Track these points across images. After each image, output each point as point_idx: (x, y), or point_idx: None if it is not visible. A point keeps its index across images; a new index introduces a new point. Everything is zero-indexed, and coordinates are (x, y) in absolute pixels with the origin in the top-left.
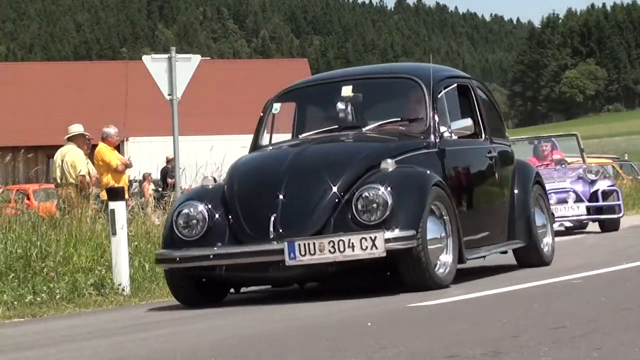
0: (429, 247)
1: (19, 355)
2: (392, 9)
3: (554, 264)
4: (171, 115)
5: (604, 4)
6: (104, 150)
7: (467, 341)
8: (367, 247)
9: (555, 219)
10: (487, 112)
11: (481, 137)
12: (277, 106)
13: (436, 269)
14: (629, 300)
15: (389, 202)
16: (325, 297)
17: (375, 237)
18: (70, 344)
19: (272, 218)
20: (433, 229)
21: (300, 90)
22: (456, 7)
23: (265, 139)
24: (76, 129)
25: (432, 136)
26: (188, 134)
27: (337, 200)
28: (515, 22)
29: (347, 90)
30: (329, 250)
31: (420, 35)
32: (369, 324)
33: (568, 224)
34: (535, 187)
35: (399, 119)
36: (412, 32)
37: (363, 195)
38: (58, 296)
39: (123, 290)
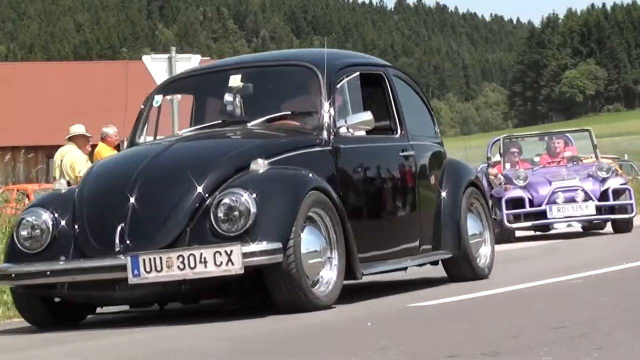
0: (305, 261)
1: (18, 355)
2: (392, 9)
3: (553, 264)
4: (171, 115)
5: (604, 4)
6: (103, 151)
7: (467, 341)
8: (221, 263)
9: (563, 219)
10: (410, 105)
11: (396, 133)
12: (158, 99)
13: (316, 286)
14: (629, 300)
15: (252, 210)
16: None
17: (231, 251)
18: (69, 344)
19: (119, 228)
20: (311, 241)
21: (185, 80)
22: (456, 7)
23: (145, 136)
24: (77, 129)
25: (325, 132)
26: None
27: (197, 207)
28: (515, 22)
29: (235, 80)
30: (178, 267)
31: (420, 35)
32: (369, 324)
33: (576, 224)
34: (470, 189)
35: (290, 112)
36: (412, 32)
37: (223, 202)
38: None
39: None
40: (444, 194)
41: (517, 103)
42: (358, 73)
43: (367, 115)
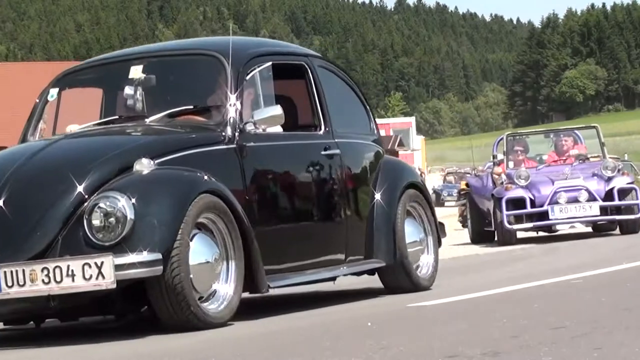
0: (195, 273)
1: (16, 354)
2: (392, 9)
3: (553, 264)
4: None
5: (604, 4)
6: None
7: (467, 341)
8: (91, 276)
9: (565, 220)
10: (340, 99)
11: (319, 129)
12: (53, 92)
13: (208, 301)
14: (629, 300)
15: (129, 216)
16: (325, 297)
17: (102, 263)
18: (71, 344)
19: None
20: (201, 250)
21: (84, 72)
22: (456, 7)
23: (41, 134)
24: (72, 128)
25: (229, 129)
26: None
27: (72, 212)
28: (515, 22)
29: (136, 71)
30: (43, 280)
31: (420, 35)
32: (369, 324)
33: (580, 225)
34: (409, 191)
35: (193, 106)
36: (412, 32)
37: (97, 207)
38: None
39: None
40: (377, 196)
41: (517, 103)
42: (270, 63)
43: (276, 110)
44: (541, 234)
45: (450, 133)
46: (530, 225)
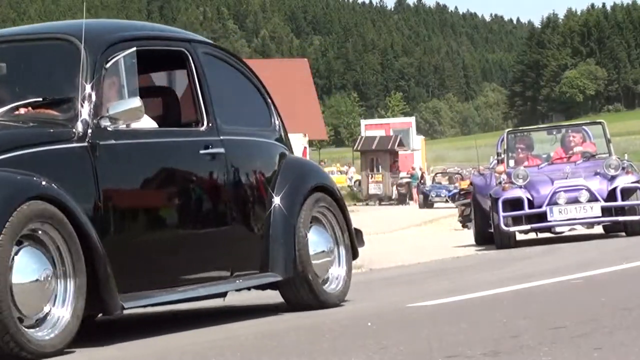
0: (18, 294)
1: None
2: (392, 9)
3: (553, 264)
4: None
5: (604, 4)
6: None
7: (467, 341)
8: None
9: (565, 222)
10: (231, 91)
11: (201, 125)
12: None
13: (38, 327)
14: (629, 300)
15: None
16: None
17: None
18: (71, 344)
19: None
20: (29, 267)
21: None
22: (456, 7)
23: None
24: None
25: (80, 124)
26: None
27: None
28: (515, 22)
29: None
30: None
31: (420, 35)
32: (369, 324)
33: (581, 228)
34: (317, 195)
35: (42, 98)
36: (412, 32)
37: None
38: None
39: None
40: (277, 201)
41: (517, 103)
42: (134, 49)
43: (134, 102)
44: (542, 235)
45: (450, 133)
46: (527, 227)
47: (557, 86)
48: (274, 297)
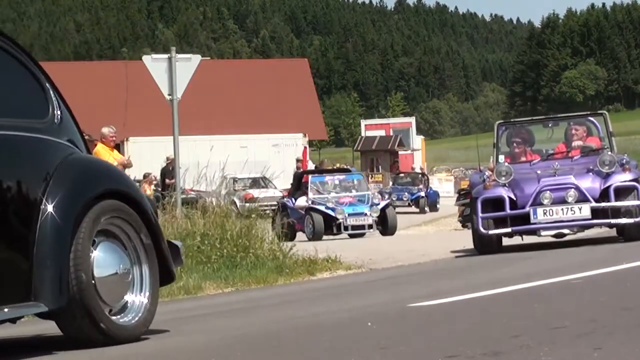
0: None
1: None
2: (392, 9)
3: (553, 264)
4: (171, 115)
5: (604, 4)
6: (101, 151)
7: (467, 341)
8: None
9: (550, 224)
10: None
11: None
12: None
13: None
14: (629, 300)
15: None
16: (325, 297)
17: None
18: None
19: None
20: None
21: None
22: (456, 7)
23: None
24: None
25: None
26: (188, 134)
27: None
28: (515, 22)
29: None
30: None
31: (420, 35)
32: (369, 324)
33: (567, 232)
34: (107, 203)
35: None
36: (412, 32)
37: None
38: None
39: None
40: (48, 211)
41: (517, 103)
42: None
43: None
44: (531, 240)
45: (450, 133)
46: (508, 230)
47: (557, 86)
48: (274, 296)
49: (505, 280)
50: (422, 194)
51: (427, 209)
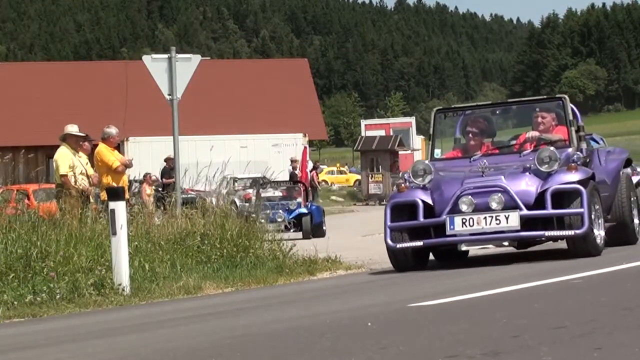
0: None
1: (19, 354)
2: (392, 9)
3: (553, 264)
4: (171, 115)
5: (604, 4)
6: (104, 151)
7: (467, 341)
8: None
9: (469, 237)
10: None
11: None
12: None
13: None
14: (629, 300)
15: None
16: (325, 297)
17: None
18: (71, 344)
19: None
20: None
21: None
22: (456, 7)
23: None
24: (68, 129)
25: None
26: (188, 134)
27: None
28: (515, 22)
29: None
30: None
31: (420, 35)
32: (369, 324)
33: (491, 247)
34: None
35: None
36: (412, 32)
37: None
38: (58, 296)
39: (123, 290)
40: None
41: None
42: None
43: None
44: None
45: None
46: (419, 243)
47: (557, 86)
48: (274, 296)
49: (505, 280)
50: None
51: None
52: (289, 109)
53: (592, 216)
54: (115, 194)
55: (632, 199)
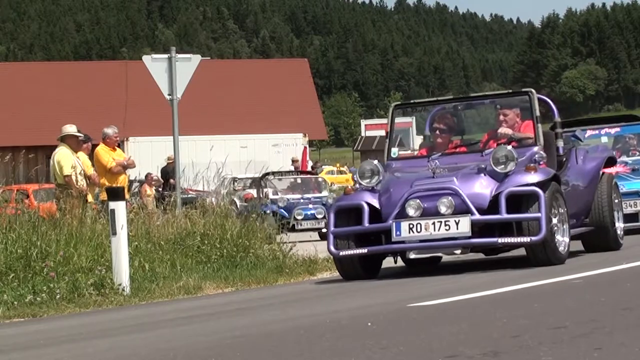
0: None
1: (19, 355)
2: (392, 9)
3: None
4: (171, 115)
5: (604, 4)
6: (100, 152)
7: (467, 341)
8: None
9: (416, 244)
10: None
11: None
12: None
13: None
14: (629, 300)
15: None
16: (325, 297)
17: None
18: (71, 344)
19: None
20: None
21: None
22: (456, 7)
23: None
24: (67, 129)
25: None
26: (188, 134)
27: None
28: (515, 22)
29: None
30: None
31: (420, 35)
32: (369, 324)
33: (440, 254)
34: None
35: None
36: (412, 32)
37: None
38: (58, 296)
39: (123, 290)
40: None
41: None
42: None
43: None
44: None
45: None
46: (363, 250)
47: (557, 86)
48: (274, 296)
49: (505, 280)
50: None
51: None
52: (289, 109)
53: (556, 221)
54: (115, 194)
55: (615, 200)
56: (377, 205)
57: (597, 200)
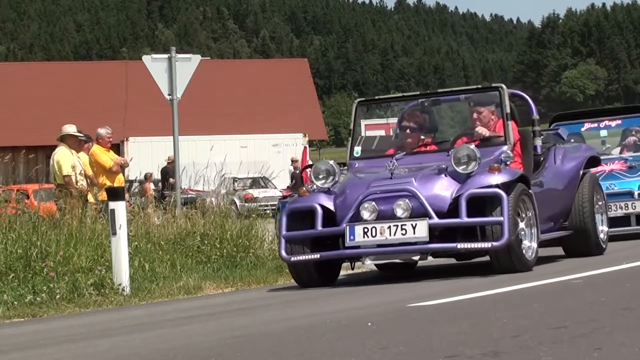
0: None
1: (19, 355)
2: (392, 9)
3: (553, 264)
4: (171, 115)
5: (604, 4)
6: (97, 152)
7: (467, 341)
8: None
9: (371, 250)
10: None
11: None
12: None
13: None
14: (629, 300)
15: None
16: (325, 297)
17: None
18: (71, 344)
19: None
20: None
21: None
22: (456, 7)
23: None
24: (67, 129)
25: None
26: (188, 134)
27: None
28: (515, 22)
29: None
30: None
31: (420, 35)
32: (369, 324)
33: (398, 261)
34: None
35: None
36: (412, 32)
37: None
38: (58, 296)
39: (123, 290)
40: None
41: (517, 103)
42: None
43: None
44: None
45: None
46: (316, 256)
47: (557, 86)
48: (274, 296)
49: (505, 280)
50: None
51: None
52: (289, 109)
53: (523, 225)
54: (115, 193)
55: (598, 203)
56: (332, 208)
57: (577, 202)
